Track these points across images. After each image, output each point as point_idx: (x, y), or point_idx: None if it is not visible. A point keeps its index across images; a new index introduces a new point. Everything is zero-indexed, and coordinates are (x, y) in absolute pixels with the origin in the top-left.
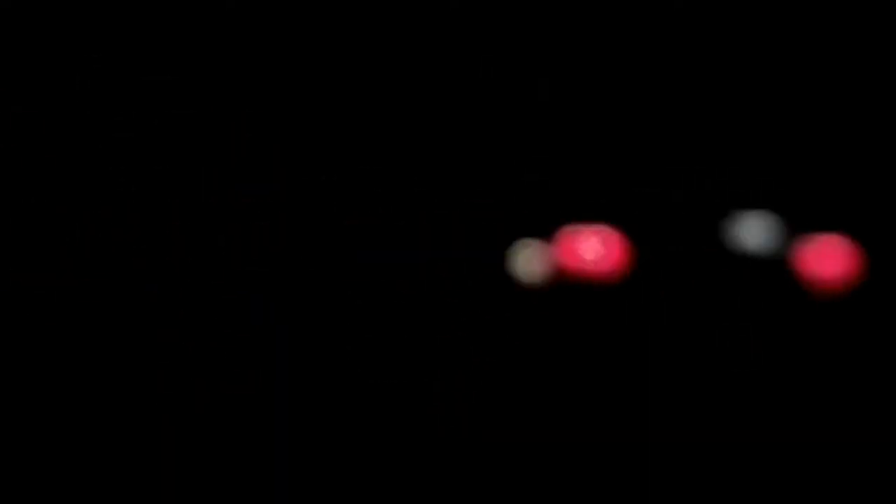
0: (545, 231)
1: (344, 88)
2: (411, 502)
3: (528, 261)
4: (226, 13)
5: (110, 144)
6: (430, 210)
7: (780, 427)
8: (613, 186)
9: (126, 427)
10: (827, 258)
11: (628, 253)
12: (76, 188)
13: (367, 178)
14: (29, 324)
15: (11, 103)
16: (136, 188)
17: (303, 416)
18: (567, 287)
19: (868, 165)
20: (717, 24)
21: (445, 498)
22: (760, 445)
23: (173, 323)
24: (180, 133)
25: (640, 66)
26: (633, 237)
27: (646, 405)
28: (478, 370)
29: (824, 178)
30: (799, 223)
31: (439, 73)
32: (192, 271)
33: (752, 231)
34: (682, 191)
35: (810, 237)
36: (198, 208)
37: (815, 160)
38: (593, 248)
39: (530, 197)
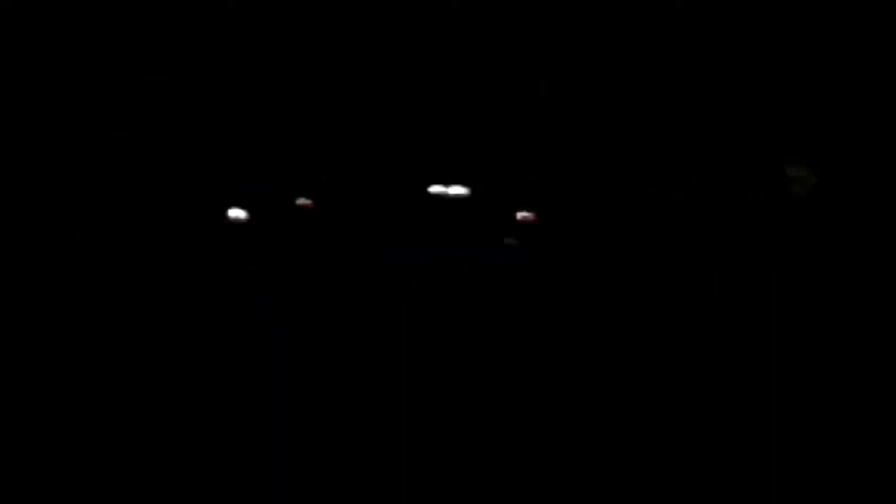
0: (545, 229)
1: (343, 89)
2: (411, 502)
3: None
4: (226, 13)
5: (110, 144)
6: (430, 210)
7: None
8: (610, 186)
9: (126, 427)
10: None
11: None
12: (76, 188)
13: (368, 179)
14: (29, 324)
15: (11, 103)
16: (136, 188)
17: (303, 416)
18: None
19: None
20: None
21: (446, 497)
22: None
23: (173, 323)
24: (180, 133)
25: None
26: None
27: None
28: (478, 369)
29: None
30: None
31: (438, 75)
32: (192, 271)
33: None
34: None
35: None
36: (198, 208)
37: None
38: None
39: (530, 197)
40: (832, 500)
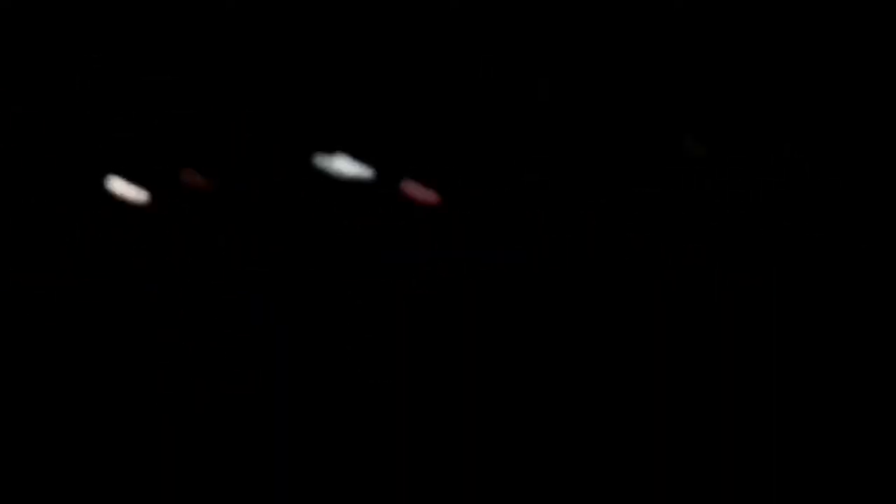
0: (544, 229)
1: (342, 89)
2: (411, 502)
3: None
4: (226, 13)
5: (110, 144)
6: (429, 210)
7: None
8: (610, 186)
9: (126, 427)
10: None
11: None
12: (76, 188)
13: (368, 178)
14: (29, 324)
15: (11, 103)
16: (136, 188)
17: (303, 416)
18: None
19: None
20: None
21: (446, 497)
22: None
23: (173, 323)
24: (180, 133)
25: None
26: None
27: None
28: (479, 368)
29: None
30: None
31: (438, 74)
32: (192, 271)
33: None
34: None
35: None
36: (197, 208)
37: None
38: None
39: (528, 196)
40: (832, 499)
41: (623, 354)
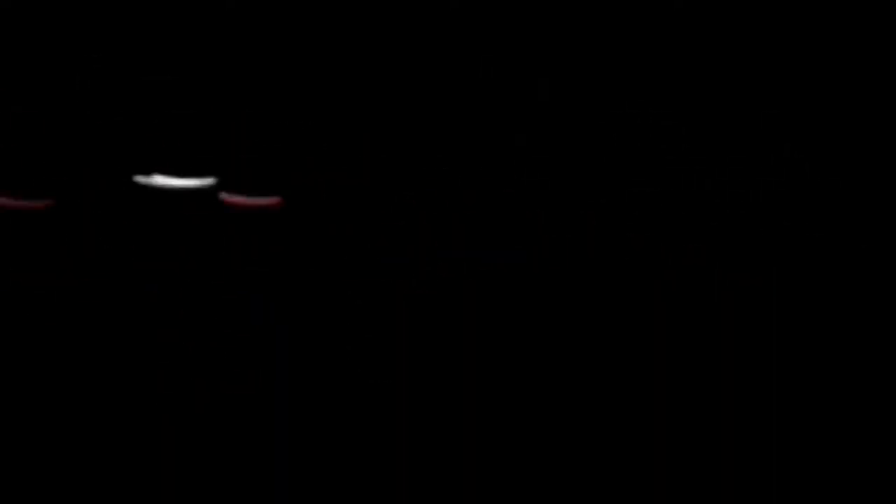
0: (542, 230)
1: (341, 89)
2: (411, 503)
3: None
4: (226, 13)
5: (110, 144)
6: (428, 211)
7: None
8: (610, 186)
9: (126, 427)
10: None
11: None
12: (76, 187)
13: (367, 178)
14: (29, 324)
15: (11, 103)
16: (136, 188)
17: (303, 416)
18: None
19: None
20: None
21: (446, 498)
22: None
23: (173, 323)
24: (180, 133)
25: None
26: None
27: None
28: (479, 369)
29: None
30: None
31: (438, 74)
32: (192, 271)
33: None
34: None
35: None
36: (198, 208)
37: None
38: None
39: (528, 196)
40: (832, 500)
41: (623, 354)
